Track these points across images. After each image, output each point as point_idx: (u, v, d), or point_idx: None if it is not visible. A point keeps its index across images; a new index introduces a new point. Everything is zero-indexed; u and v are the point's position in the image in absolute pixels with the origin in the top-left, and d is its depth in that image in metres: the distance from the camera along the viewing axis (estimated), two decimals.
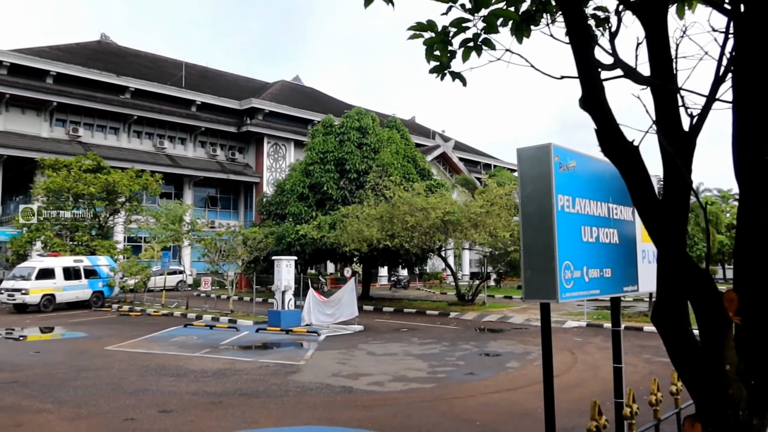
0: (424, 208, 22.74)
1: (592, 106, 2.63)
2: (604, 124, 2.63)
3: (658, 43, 2.59)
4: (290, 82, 56.93)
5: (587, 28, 2.59)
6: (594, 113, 2.67)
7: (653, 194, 2.71)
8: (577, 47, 2.57)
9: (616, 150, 2.64)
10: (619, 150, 2.65)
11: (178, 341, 15.95)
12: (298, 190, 29.28)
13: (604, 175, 5.05)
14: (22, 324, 20.14)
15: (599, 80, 2.64)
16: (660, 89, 2.61)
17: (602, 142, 2.68)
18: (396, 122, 32.34)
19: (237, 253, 24.78)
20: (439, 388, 10.14)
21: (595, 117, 2.68)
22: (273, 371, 11.64)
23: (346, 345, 15.23)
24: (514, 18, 2.78)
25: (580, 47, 2.56)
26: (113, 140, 40.56)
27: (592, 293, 4.65)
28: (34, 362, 12.64)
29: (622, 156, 2.66)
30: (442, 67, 2.93)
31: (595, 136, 2.73)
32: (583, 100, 2.66)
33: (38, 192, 29.79)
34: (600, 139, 2.70)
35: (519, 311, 23.79)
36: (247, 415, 8.23)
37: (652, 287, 5.84)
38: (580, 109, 2.72)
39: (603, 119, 2.64)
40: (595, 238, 4.71)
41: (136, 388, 10.01)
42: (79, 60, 40.85)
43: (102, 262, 27.10)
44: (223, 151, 46.03)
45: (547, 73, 2.88)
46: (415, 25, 2.75)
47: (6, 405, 8.83)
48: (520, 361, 12.81)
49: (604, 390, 9.74)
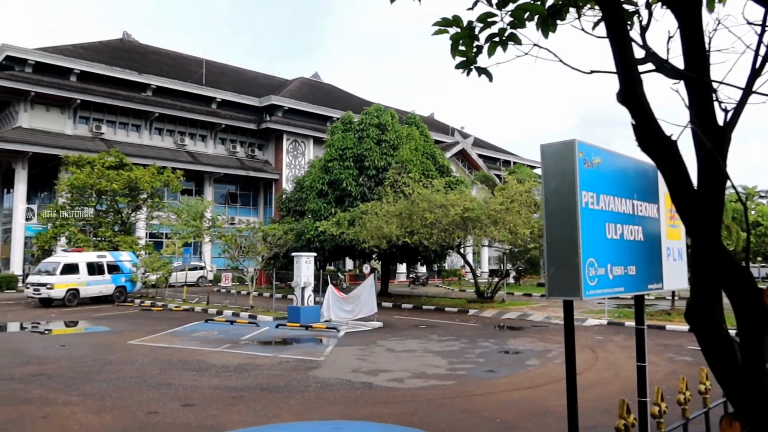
0: (443, 204, 22.67)
1: (630, 101, 2.59)
2: (642, 119, 2.60)
3: (693, 35, 2.55)
4: (309, 79, 57.09)
5: (625, 22, 2.56)
6: (632, 108, 2.63)
7: (692, 189, 2.67)
8: (615, 41, 2.53)
9: (653, 145, 2.60)
10: (657, 145, 2.61)
11: (200, 336, 16.12)
12: (318, 187, 29.39)
13: (629, 172, 5.00)
14: (47, 318, 20.53)
15: (637, 74, 2.60)
16: (695, 83, 2.57)
17: (640, 137, 2.64)
18: (415, 119, 32.26)
19: (257, 249, 24.95)
20: (458, 385, 10.12)
21: (633, 111, 2.64)
22: (293, 367, 11.71)
23: (365, 341, 15.27)
24: (541, 12, 2.75)
25: (618, 41, 2.53)
26: (135, 137, 41.08)
27: (617, 291, 4.59)
28: (59, 355, 12.87)
29: (660, 151, 2.62)
30: (469, 62, 2.90)
31: (632, 130, 2.69)
32: (621, 95, 2.62)
33: (62, 188, 30.27)
34: (637, 134, 2.66)
35: (539, 309, 23.63)
36: (268, 410, 8.29)
37: (678, 285, 5.79)
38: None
39: (641, 114, 2.60)
40: (619, 235, 4.66)
41: (158, 381, 10.15)
42: (102, 58, 41.41)
43: (125, 257, 27.49)
44: (242, 148, 46.36)
45: (575, 67, 2.85)
46: (440, 21, 2.73)
47: (33, 397, 9.01)
48: (540, 359, 12.73)
49: (626, 389, 9.65)
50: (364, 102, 49.27)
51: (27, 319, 20.05)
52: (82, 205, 30.48)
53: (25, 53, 36.62)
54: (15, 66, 36.49)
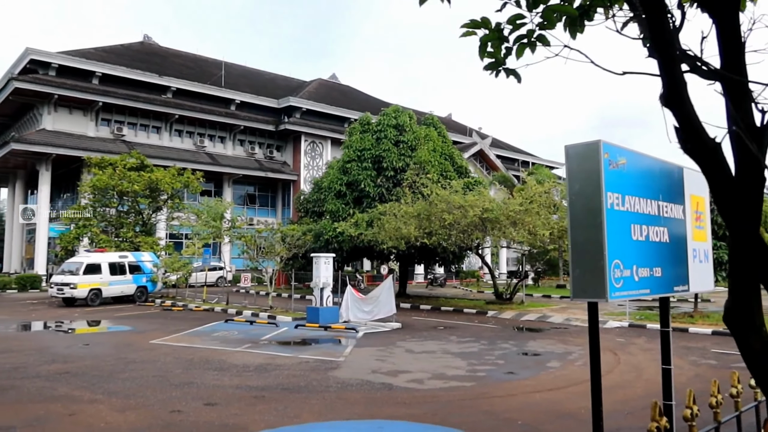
0: (462, 205, 22.62)
1: (674, 103, 2.58)
2: (686, 122, 2.58)
3: (729, 35, 2.52)
4: (327, 80, 57.30)
5: (668, 21, 2.53)
6: (676, 110, 2.61)
7: (737, 191, 2.64)
8: (659, 42, 2.51)
9: (697, 148, 2.58)
10: (700, 148, 2.58)
11: (220, 336, 16.27)
12: (336, 188, 29.48)
13: (654, 172, 4.96)
14: (70, 317, 20.86)
15: (682, 76, 2.58)
16: (731, 83, 2.54)
17: (683, 139, 2.62)
18: (433, 120, 32.22)
19: (276, 250, 25.11)
20: (479, 387, 10.09)
21: (677, 114, 2.63)
22: (313, 367, 11.76)
23: (384, 342, 15.29)
24: (573, 14, 2.74)
25: (661, 41, 2.51)
26: (155, 139, 41.58)
27: (642, 293, 4.56)
28: (83, 354, 13.08)
29: (703, 154, 2.60)
30: (497, 63, 2.90)
31: (674, 133, 2.68)
32: (665, 97, 2.61)
33: (85, 189, 30.75)
34: (680, 137, 2.64)
35: (558, 310, 23.46)
36: (289, 410, 8.35)
37: (704, 287, 5.73)
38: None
39: (684, 116, 2.58)
40: (644, 237, 4.62)
41: (181, 381, 10.26)
42: (123, 61, 41.97)
43: (146, 257, 27.82)
44: (261, 149, 46.68)
45: (607, 68, 2.83)
46: (468, 23, 2.74)
47: (60, 395, 9.17)
48: (560, 361, 12.65)
49: (649, 392, 9.56)
50: (382, 103, 49.36)
51: (51, 318, 20.39)
52: (104, 206, 30.98)
53: (49, 57, 37.25)
54: (39, 69, 37.14)
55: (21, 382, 10.09)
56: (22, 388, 9.60)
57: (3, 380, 10.21)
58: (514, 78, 2.95)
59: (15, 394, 9.19)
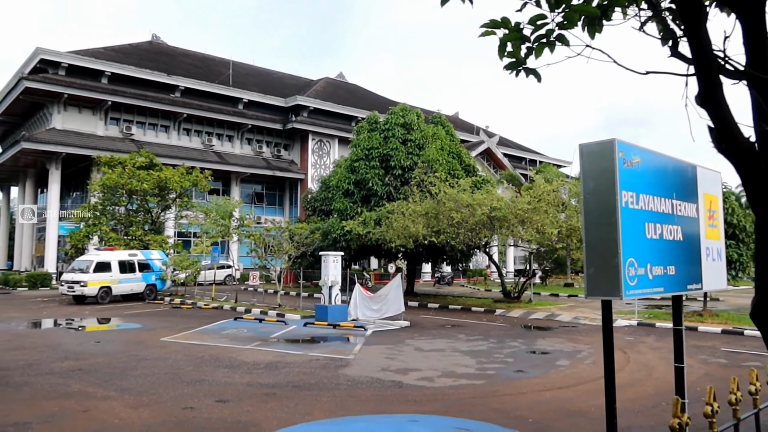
0: (470, 204, 22.62)
1: (710, 103, 2.59)
2: (721, 122, 2.59)
3: (755, 35, 2.53)
4: (334, 79, 57.36)
5: (705, 22, 2.55)
6: (711, 110, 2.63)
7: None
8: (695, 44, 2.53)
9: (732, 147, 2.59)
10: (735, 148, 2.60)
11: (230, 334, 16.35)
12: (344, 187, 29.53)
13: (667, 171, 4.96)
14: (81, 315, 21.01)
15: (718, 77, 2.60)
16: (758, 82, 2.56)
17: (717, 139, 2.64)
18: (441, 118, 32.21)
19: (284, 248, 25.20)
20: (489, 385, 10.11)
21: (712, 114, 2.64)
22: (323, 365, 11.81)
23: (393, 340, 15.32)
24: (594, 13, 2.75)
25: (698, 44, 2.53)
26: (164, 138, 41.78)
27: (656, 291, 4.57)
28: (95, 351, 13.18)
29: (738, 153, 2.61)
30: (518, 63, 2.92)
31: (708, 133, 2.69)
32: (701, 97, 2.62)
33: (95, 188, 30.94)
34: (715, 137, 2.65)
35: (566, 309, 23.43)
36: (300, 407, 8.39)
37: (717, 286, 5.73)
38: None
39: (720, 117, 2.60)
40: (658, 235, 4.63)
41: (192, 378, 10.33)
42: (132, 60, 42.19)
43: (155, 256, 27.97)
44: (268, 148, 46.81)
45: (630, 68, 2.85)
46: (488, 23, 2.75)
47: (73, 391, 9.26)
48: (570, 360, 12.64)
49: (659, 390, 9.55)
50: (389, 102, 49.34)
51: (61, 316, 20.55)
52: (113, 204, 31.16)
53: (59, 56, 37.50)
54: (49, 69, 37.40)
55: (35, 378, 10.20)
56: (36, 385, 9.70)
57: (17, 377, 10.32)
58: (534, 77, 2.97)
59: (29, 391, 9.29)
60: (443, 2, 2.69)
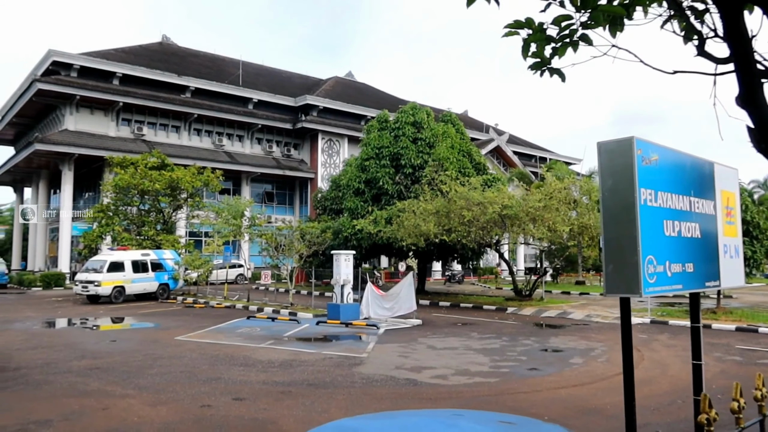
0: (481, 202, 22.60)
1: (750, 104, 2.61)
2: (761, 123, 2.61)
3: None
4: (343, 78, 57.44)
5: (745, 22, 2.55)
6: (751, 111, 2.64)
7: None
8: (735, 44, 2.54)
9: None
10: None
11: (243, 332, 16.45)
12: (354, 185, 29.59)
13: (685, 168, 4.96)
14: (95, 314, 21.22)
15: (758, 77, 2.61)
16: None
17: (757, 140, 2.65)
18: (451, 116, 32.20)
19: (295, 247, 25.30)
20: (503, 383, 10.13)
21: (752, 115, 2.66)
22: (337, 363, 11.87)
23: (405, 338, 15.36)
24: (620, 13, 2.77)
25: (739, 44, 2.54)
26: (175, 138, 42.04)
27: (675, 288, 4.58)
28: (111, 350, 13.32)
29: None
30: (543, 63, 2.95)
31: (747, 133, 2.71)
32: (741, 98, 2.64)
33: (107, 189, 31.21)
34: (754, 137, 2.67)
35: (578, 307, 23.36)
36: (316, 405, 8.45)
37: (735, 283, 5.72)
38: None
39: (760, 117, 2.61)
40: (677, 232, 4.64)
41: (208, 376, 10.43)
42: (143, 61, 42.47)
43: (167, 255, 28.18)
44: (278, 148, 46.97)
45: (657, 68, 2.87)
46: (512, 23, 2.78)
47: (92, 390, 9.38)
48: (583, 357, 12.63)
49: (675, 388, 9.54)
50: (399, 100, 49.38)
51: (76, 315, 20.77)
52: (125, 204, 31.41)
53: (71, 58, 37.83)
54: (61, 71, 37.74)
55: (54, 377, 10.33)
56: (56, 383, 9.83)
57: (37, 375, 10.46)
58: (558, 77, 3.00)
59: (49, 389, 9.42)
60: (469, 3, 2.72)
